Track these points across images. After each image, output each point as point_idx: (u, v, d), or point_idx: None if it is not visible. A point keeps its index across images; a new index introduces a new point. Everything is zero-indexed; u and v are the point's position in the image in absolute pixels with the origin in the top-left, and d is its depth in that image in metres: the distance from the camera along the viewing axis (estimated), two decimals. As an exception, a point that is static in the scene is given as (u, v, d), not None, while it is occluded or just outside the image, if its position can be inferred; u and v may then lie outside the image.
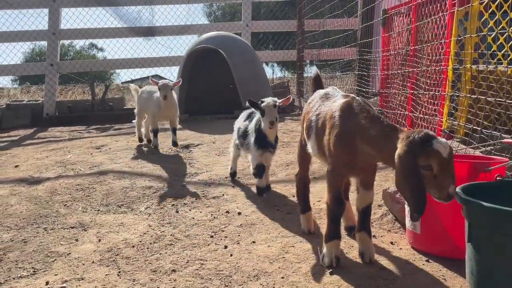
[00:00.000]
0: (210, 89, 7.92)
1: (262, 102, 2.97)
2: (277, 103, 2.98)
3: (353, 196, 2.40)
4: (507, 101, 2.45)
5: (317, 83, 2.73)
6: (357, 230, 2.14)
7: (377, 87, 4.79)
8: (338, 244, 2.07)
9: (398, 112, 3.99)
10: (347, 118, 1.95)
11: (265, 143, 3.10)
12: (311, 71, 11.40)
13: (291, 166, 4.02)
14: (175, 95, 4.69)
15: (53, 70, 9.01)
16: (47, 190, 3.37)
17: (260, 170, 3.16)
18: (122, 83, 21.16)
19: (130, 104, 10.55)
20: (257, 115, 3.16)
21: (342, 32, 6.69)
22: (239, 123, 3.47)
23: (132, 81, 21.37)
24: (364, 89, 5.10)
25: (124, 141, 5.34)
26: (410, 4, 3.79)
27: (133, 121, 5.21)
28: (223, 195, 3.26)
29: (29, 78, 15.22)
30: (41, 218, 2.87)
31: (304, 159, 2.53)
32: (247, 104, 3.06)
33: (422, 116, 3.44)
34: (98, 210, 3.01)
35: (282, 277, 1.96)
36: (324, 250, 2.06)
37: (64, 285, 1.98)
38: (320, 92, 2.41)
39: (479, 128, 2.65)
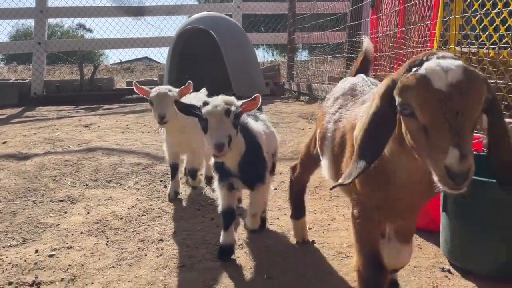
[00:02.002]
0: (200, 70, 7.90)
1: (206, 104, 1.72)
2: (233, 109, 1.71)
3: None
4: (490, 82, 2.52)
5: (364, 65, 1.87)
6: None
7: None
8: None
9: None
10: None
11: (225, 172, 1.88)
12: (302, 55, 11.40)
13: (283, 144, 4.08)
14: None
15: (40, 48, 8.88)
16: (36, 165, 3.39)
17: (227, 218, 1.91)
18: (111, 64, 20.92)
19: (119, 84, 10.50)
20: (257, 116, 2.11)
21: (332, 15, 6.71)
22: None
23: (121, 63, 21.14)
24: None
25: (113, 120, 5.34)
26: (399, -14, 3.83)
27: None
28: (211, 172, 3.32)
29: (16, 57, 14.94)
30: (30, 192, 2.89)
31: (307, 164, 1.95)
32: (176, 106, 1.84)
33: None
34: (86, 185, 3.04)
35: (266, 246, 2.03)
36: None
37: (53, 253, 2.03)
38: (346, 83, 1.66)
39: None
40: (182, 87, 2.67)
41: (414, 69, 1.03)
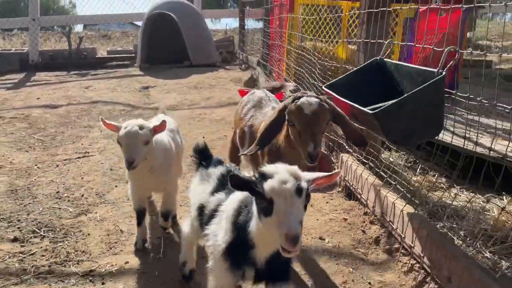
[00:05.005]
0: (166, 43, 10.22)
1: (265, 176, 1.31)
2: (304, 186, 1.28)
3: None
4: (309, 67, 5.15)
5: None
6: None
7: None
8: None
9: (274, 68, 6.65)
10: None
11: (247, 260, 1.45)
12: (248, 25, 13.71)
13: (211, 99, 6.66)
14: (167, 139, 2.51)
15: (35, 24, 10.97)
16: (64, 111, 5.89)
17: None
18: (88, 30, 22.64)
19: (100, 53, 12.68)
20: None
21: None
22: (198, 189, 1.83)
23: (98, 27, 22.82)
24: (266, 52, 7.70)
25: (103, 84, 7.79)
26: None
27: None
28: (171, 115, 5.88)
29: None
30: (66, 123, 5.42)
31: (234, 154, 2.75)
32: (229, 180, 1.32)
33: (278, 71, 6.12)
34: (96, 120, 5.58)
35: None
36: None
37: (90, 144, 4.61)
38: (254, 97, 2.58)
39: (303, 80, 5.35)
40: (154, 124, 2.26)
41: (295, 100, 1.94)
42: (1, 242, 2.50)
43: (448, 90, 2.05)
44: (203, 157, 1.91)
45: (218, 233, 1.52)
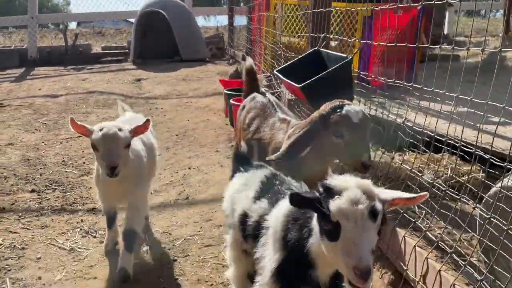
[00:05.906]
0: (158, 40, 10.88)
1: (331, 192, 1.14)
2: (379, 207, 1.11)
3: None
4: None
5: (252, 77, 2.90)
6: None
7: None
8: None
9: (255, 62, 7.34)
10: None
11: (306, 281, 1.29)
12: (238, 21, 14.40)
13: (198, 89, 7.33)
14: (140, 145, 2.32)
15: (33, 22, 11.58)
16: (64, 99, 6.56)
17: None
18: (83, 26, 23.18)
19: (95, 49, 13.30)
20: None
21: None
22: (242, 198, 1.68)
23: (92, 24, 23.37)
24: (249, 47, 8.40)
25: (98, 76, 8.46)
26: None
27: None
28: (161, 104, 6.56)
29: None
30: (66, 110, 6.08)
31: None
32: (290, 199, 1.16)
33: (258, 64, 6.81)
34: (93, 108, 6.25)
35: (170, 123, 5.35)
36: None
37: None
38: (256, 103, 2.50)
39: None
40: (136, 125, 2.06)
41: (337, 110, 1.86)
42: (22, 192, 3.19)
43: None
44: (242, 162, 1.85)
45: (266, 254, 1.35)
